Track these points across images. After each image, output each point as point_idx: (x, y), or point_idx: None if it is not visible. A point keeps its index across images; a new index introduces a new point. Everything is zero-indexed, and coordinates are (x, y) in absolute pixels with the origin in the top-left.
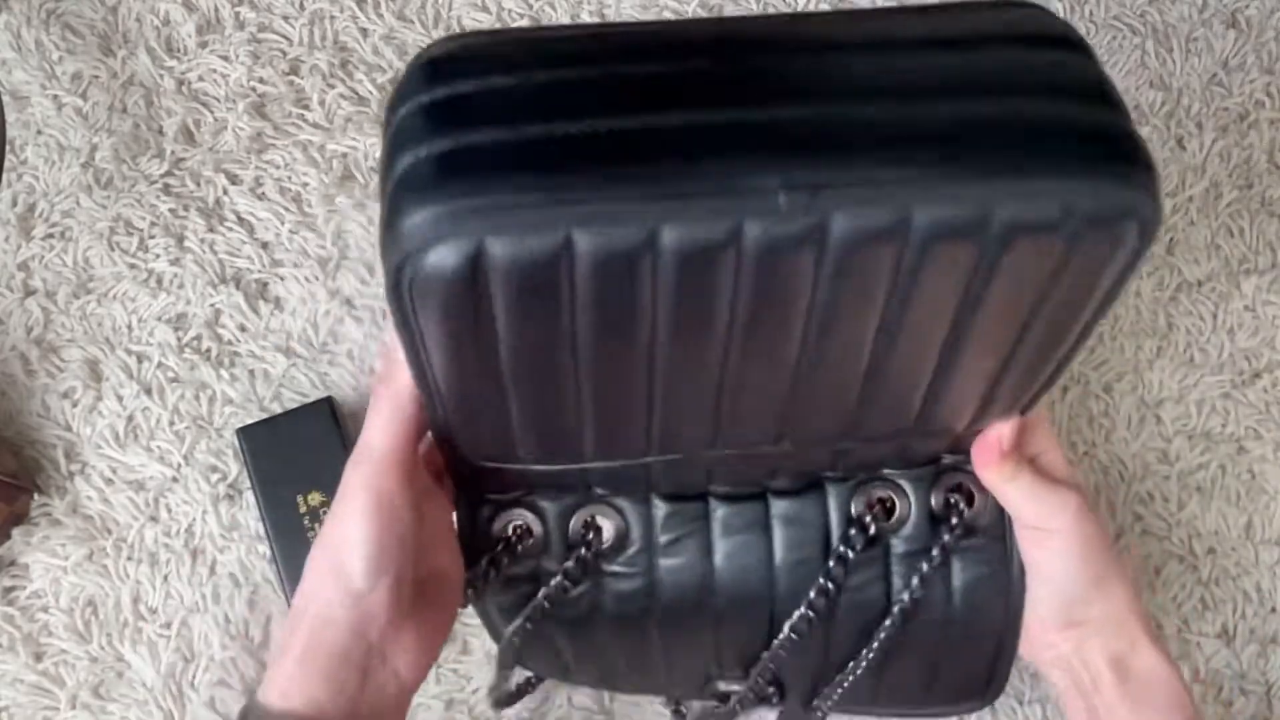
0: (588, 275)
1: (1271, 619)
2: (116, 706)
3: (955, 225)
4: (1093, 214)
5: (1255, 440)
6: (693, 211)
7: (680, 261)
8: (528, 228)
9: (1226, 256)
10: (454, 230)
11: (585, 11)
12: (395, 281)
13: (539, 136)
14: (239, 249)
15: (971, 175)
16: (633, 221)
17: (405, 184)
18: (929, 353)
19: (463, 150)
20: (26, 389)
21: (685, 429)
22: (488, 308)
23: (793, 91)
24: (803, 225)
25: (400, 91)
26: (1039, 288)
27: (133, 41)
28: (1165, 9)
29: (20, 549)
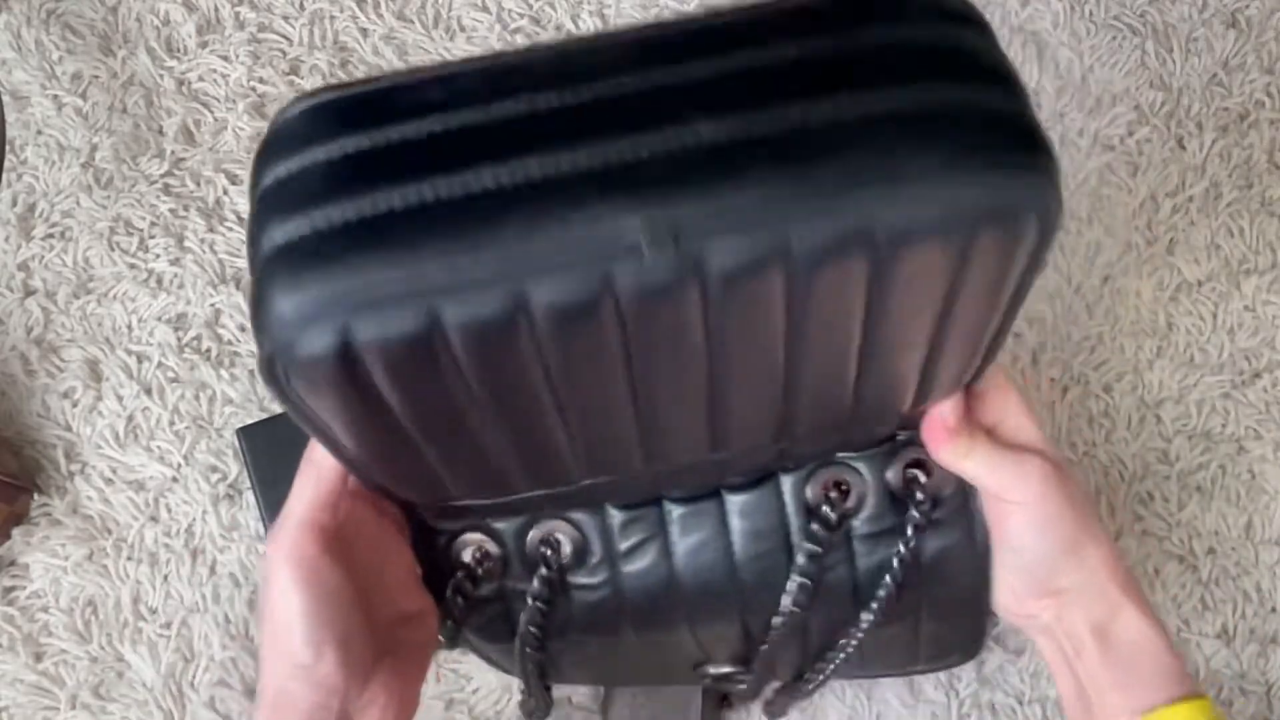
0: (464, 346)
1: (1271, 619)
2: (116, 706)
3: (837, 242)
4: (983, 212)
5: (1255, 440)
6: (557, 269)
7: (556, 321)
8: (389, 308)
9: (1226, 256)
10: (317, 318)
11: (585, 11)
12: (269, 371)
13: (392, 206)
14: (239, 249)
15: (842, 186)
16: (494, 288)
17: (267, 269)
18: (846, 359)
19: (318, 229)
20: (26, 389)
21: (613, 455)
22: (371, 383)
23: (642, 117)
24: (675, 268)
25: (258, 159)
26: (944, 287)
27: (133, 41)
28: (1165, 9)
29: (20, 549)
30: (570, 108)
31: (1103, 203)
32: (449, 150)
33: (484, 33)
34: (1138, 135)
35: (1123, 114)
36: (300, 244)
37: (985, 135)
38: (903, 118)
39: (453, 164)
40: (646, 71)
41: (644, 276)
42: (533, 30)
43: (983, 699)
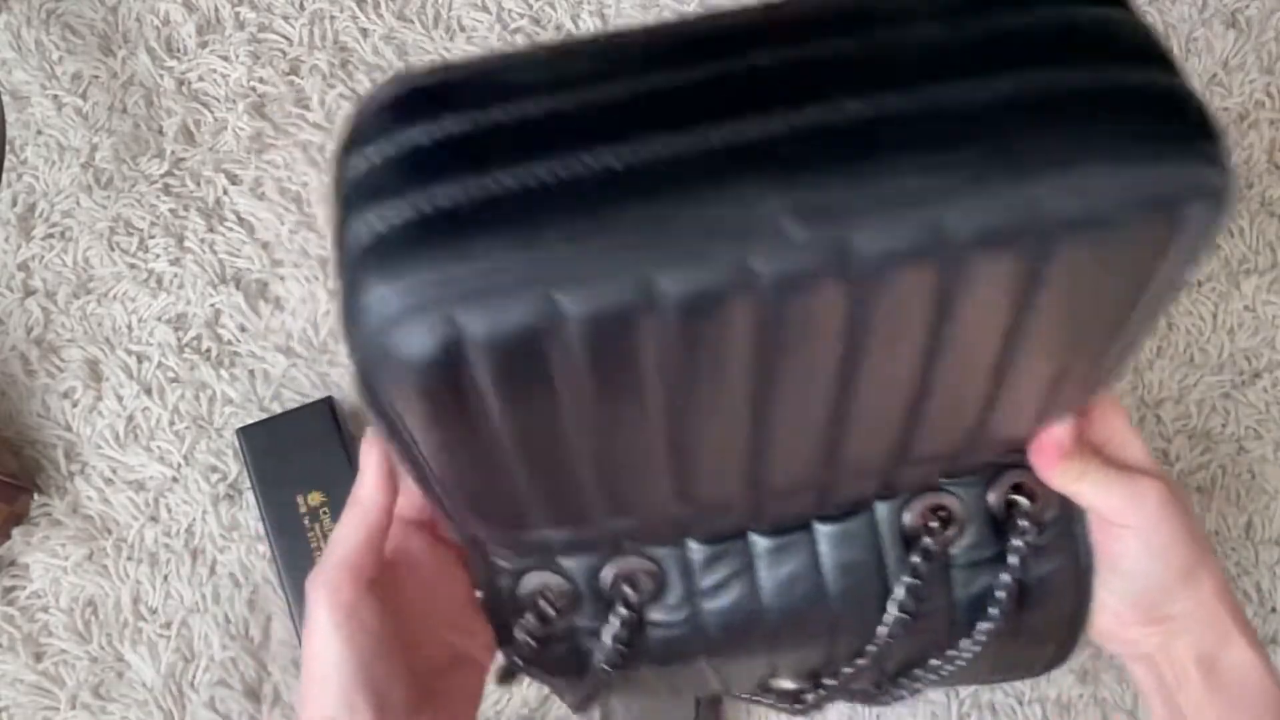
0: (581, 340)
1: (1271, 619)
2: (116, 706)
3: (997, 231)
4: (1154, 199)
5: (1255, 440)
6: (689, 254)
7: (684, 312)
8: (504, 295)
9: (1226, 256)
10: (421, 308)
11: (585, 11)
12: (362, 370)
13: (506, 188)
14: (239, 249)
15: (1009, 172)
16: (622, 273)
17: (361, 257)
18: (979, 371)
19: (423, 213)
20: (26, 389)
21: (712, 481)
22: (473, 388)
23: (785, 95)
24: (820, 254)
25: (346, 144)
26: (1097, 284)
27: (133, 41)
28: (1165, 9)
29: (20, 549)
30: (698, 83)
31: None
32: (567, 129)
33: (484, 33)
34: None
35: None
36: (400, 230)
37: (1151, 116)
38: (1066, 99)
39: (572, 143)
40: (779, 48)
41: (785, 262)
42: (533, 30)
43: (983, 699)
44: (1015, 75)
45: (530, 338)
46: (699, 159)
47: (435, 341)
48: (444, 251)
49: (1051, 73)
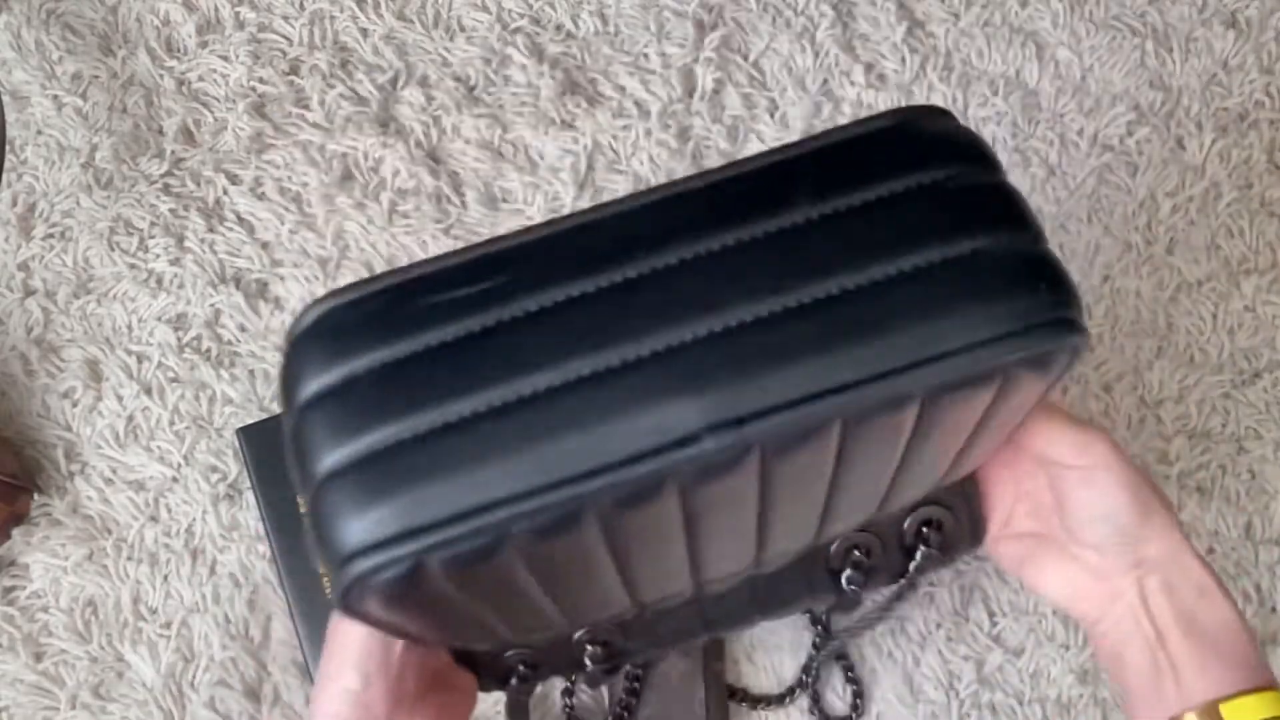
0: (531, 545)
1: (1271, 619)
2: (116, 706)
3: (885, 404)
4: (1021, 360)
5: (1255, 440)
6: (618, 467)
7: (620, 510)
8: (458, 529)
9: (1226, 256)
10: (388, 547)
11: (585, 11)
12: (346, 601)
13: (443, 422)
14: (239, 249)
15: (887, 360)
16: (564, 505)
17: (326, 495)
18: (884, 478)
19: (374, 453)
20: (26, 389)
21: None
22: (437, 590)
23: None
24: (733, 452)
25: (289, 371)
26: (981, 413)
27: (133, 41)
28: (1165, 9)
29: (20, 549)
30: (601, 294)
31: (1102, 203)
32: (492, 352)
33: (484, 33)
34: (1137, 135)
35: (1122, 114)
36: (359, 466)
37: (1013, 288)
38: (933, 280)
39: (499, 367)
40: (674, 248)
41: (706, 461)
42: (533, 30)
43: (983, 699)
44: (889, 256)
45: (485, 555)
46: (618, 376)
47: (398, 571)
48: (399, 491)
49: (924, 250)
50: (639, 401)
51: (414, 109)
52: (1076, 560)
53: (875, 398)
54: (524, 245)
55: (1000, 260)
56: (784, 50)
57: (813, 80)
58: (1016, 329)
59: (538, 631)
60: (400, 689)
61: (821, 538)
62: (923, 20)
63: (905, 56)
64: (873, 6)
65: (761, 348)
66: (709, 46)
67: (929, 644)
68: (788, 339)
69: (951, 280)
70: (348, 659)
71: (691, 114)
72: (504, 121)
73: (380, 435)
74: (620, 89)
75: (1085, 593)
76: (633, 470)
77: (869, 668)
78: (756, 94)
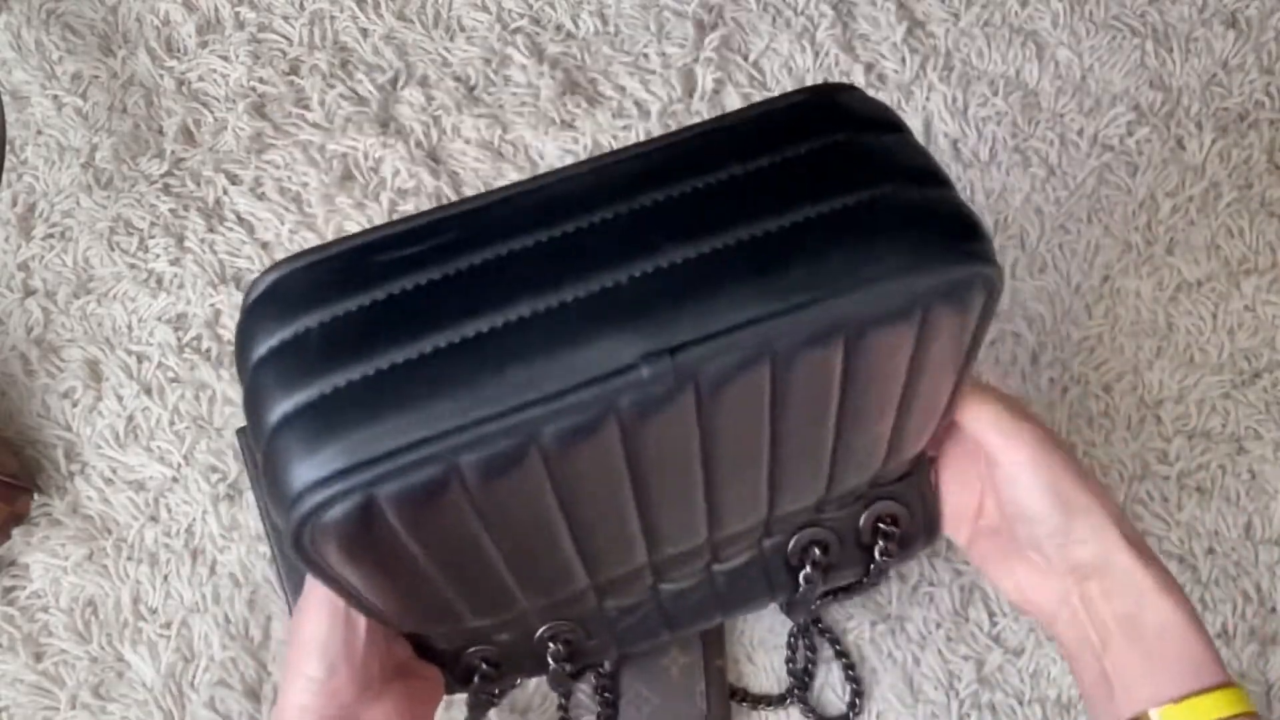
0: (479, 482)
1: (1271, 619)
2: (116, 706)
3: (814, 336)
4: (939, 292)
5: (1255, 440)
6: (560, 400)
7: (565, 443)
8: (408, 462)
9: (1226, 256)
10: (339, 483)
11: (585, 11)
12: (298, 542)
13: (391, 364)
14: (239, 249)
15: (813, 290)
16: (505, 425)
17: (278, 441)
18: (825, 430)
19: (324, 396)
20: (26, 389)
21: (617, 554)
22: (393, 533)
23: (621, 248)
24: (671, 384)
25: (243, 333)
26: (908, 355)
27: (133, 41)
28: (1165, 9)
29: (20, 549)
30: (544, 245)
31: (1102, 203)
32: (439, 301)
33: (484, 33)
34: (1137, 135)
35: (1122, 114)
36: (308, 410)
37: (931, 227)
38: (859, 222)
39: (446, 313)
40: (609, 204)
41: (644, 392)
42: (533, 30)
43: (983, 699)
44: (812, 203)
45: (436, 488)
46: (556, 314)
47: (355, 506)
48: (350, 428)
49: (843, 197)
50: (578, 335)
51: (414, 109)
52: (1025, 560)
53: (800, 326)
54: (471, 210)
55: (910, 202)
56: (784, 50)
57: (812, 80)
58: (927, 259)
59: (497, 612)
60: (366, 676)
61: (775, 512)
62: (923, 20)
63: (905, 56)
64: (873, 6)
65: (693, 283)
66: (709, 46)
67: (929, 644)
68: (717, 274)
69: (866, 220)
70: (312, 649)
71: (691, 114)
72: (504, 121)
73: (330, 381)
74: (620, 89)
75: (1035, 593)
76: (573, 398)
77: (869, 668)
78: (756, 94)
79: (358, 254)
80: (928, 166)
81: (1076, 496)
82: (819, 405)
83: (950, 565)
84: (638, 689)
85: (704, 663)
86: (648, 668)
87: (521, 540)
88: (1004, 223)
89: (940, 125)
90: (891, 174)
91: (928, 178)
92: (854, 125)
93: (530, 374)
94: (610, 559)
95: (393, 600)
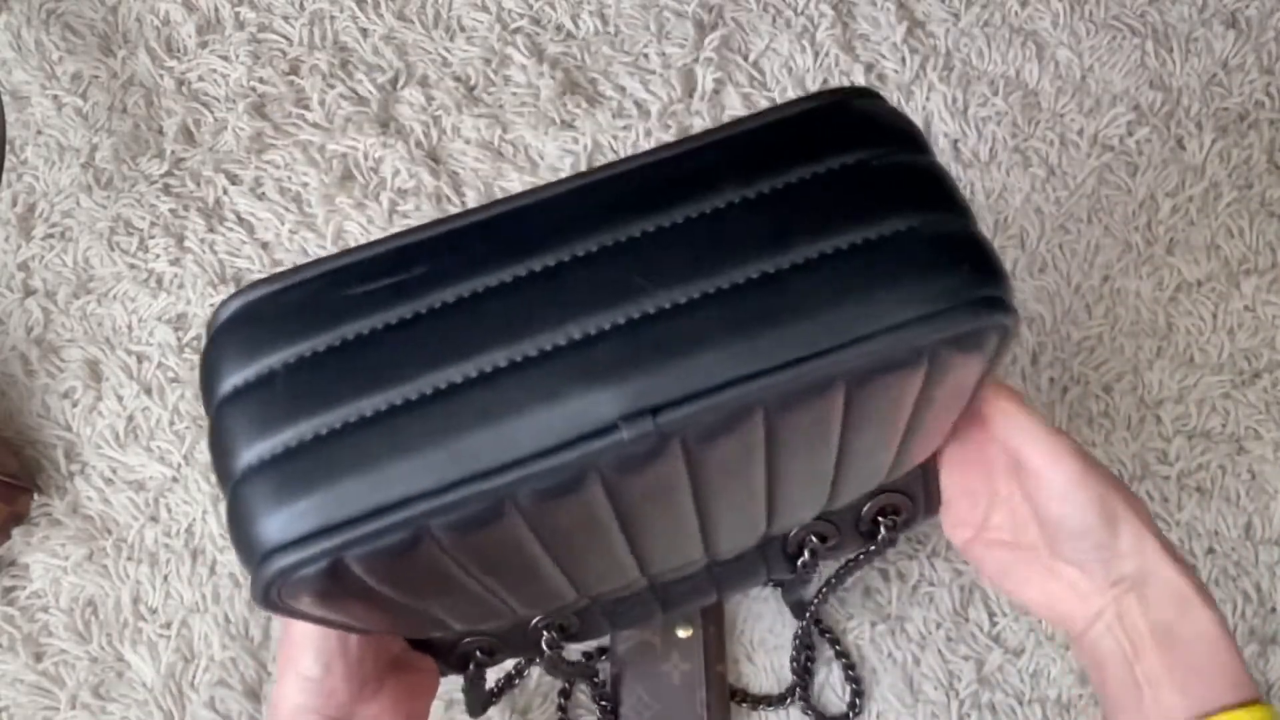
0: (453, 540)
1: (1271, 619)
2: (116, 706)
3: (807, 389)
4: (950, 341)
5: (1255, 440)
6: (535, 460)
7: (543, 503)
8: (375, 523)
9: (1226, 256)
10: (306, 543)
11: (585, 11)
12: (265, 597)
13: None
14: (239, 249)
15: (802, 346)
16: (481, 499)
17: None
18: (824, 466)
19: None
20: (26, 389)
21: (610, 578)
22: (363, 585)
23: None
24: (654, 443)
25: (208, 364)
26: (914, 397)
27: (133, 41)
28: (1165, 9)
29: (20, 549)
30: (520, 283)
31: (1102, 203)
32: (408, 346)
33: (484, 33)
34: (1137, 135)
35: (1122, 114)
36: (275, 464)
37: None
38: (854, 262)
39: (415, 361)
40: (593, 234)
41: (624, 451)
42: (533, 30)
43: (983, 699)
44: (808, 239)
45: (404, 550)
46: (532, 367)
47: (319, 568)
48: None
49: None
50: (554, 392)
51: (414, 109)
52: (1055, 575)
53: (794, 383)
54: (445, 234)
55: (923, 241)
56: (784, 50)
57: (813, 80)
58: (937, 309)
59: (488, 621)
60: (361, 673)
61: (774, 530)
62: (923, 20)
63: (905, 56)
64: (873, 6)
65: (678, 334)
66: (709, 46)
67: (929, 644)
68: (704, 325)
69: (872, 262)
70: (306, 648)
71: (691, 114)
72: (504, 121)
73: (295, 431)
74: (620, 89)
75: (1066, 609)
76: (547, 462)
77: (869, 667)
78: (756, 94)
79: (325, 283)
80: (946, 194)
81: (1118, 507)
82: (818, 443)
83: (950, 565)
84: (638, 694)
85: (705, 669)
86: (648, 673)
87: (504, 574)
88: (1004, 223)
89: (940, 125)
90: (905, 206)
91: (945, 208)
92: (869, 142)
93: (503, 434)
94: (602, 581)
95: (376, 626)
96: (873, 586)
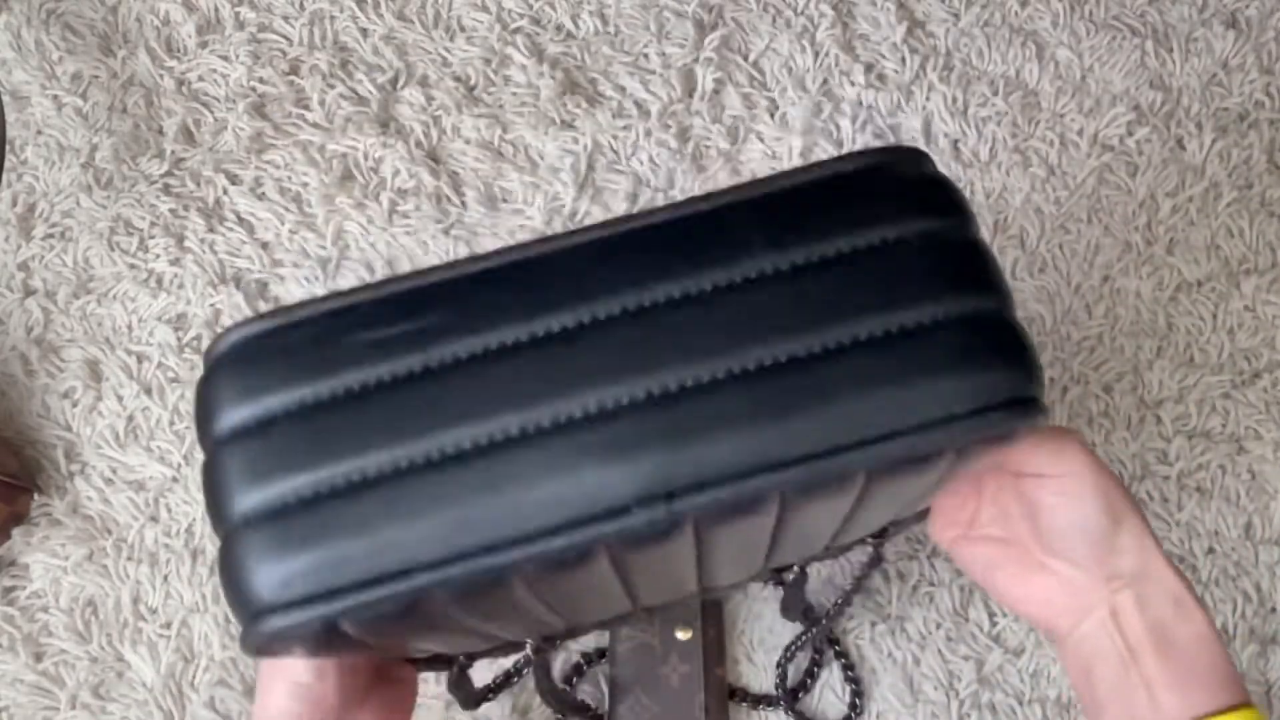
0: (451, 602)
1: (1271, 619)
2: (116, 706)
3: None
4: (975, 435)
5: (1255, 440)
6: (544, 547)
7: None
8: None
9: (1226, 256)
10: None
11: (585, 11)
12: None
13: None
14: (239, 249)
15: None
16: (480, 559)
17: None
18: (829, 528)
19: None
20: (26, 389)
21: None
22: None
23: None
24: (666, 527)
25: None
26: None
27: (133, 41)
28: (1165, 9)
29: (20, 549)
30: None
31: (1102, 203)
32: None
33: (484, 33)
34: (1137, 135)
35: (1122, 114)
36: (273, 516)
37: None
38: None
39: (423, 419)
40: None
41: (635, 531)
42: (532, 30)
43: (983, 699)
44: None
45: (400, 614)
46: (544, 439)
47: (314, 627)
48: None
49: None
50: (567, 467)
51: (414, 109)
52: (1048, 571)
53: (815, 476)
54: (460, 280)
55: (960, 332)
56: (784, 50)
57: (813, 80)
58: (971, 409)
59: (477, 647)
60: (354, 682)
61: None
62: (923, 20)
63: (905, 56)
64: (873, 6)
65: (698, 416)
66: (709, 46)
67: (929, 644)
68: (726, 408)
69: (906, 352)
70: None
71: (691, 114)
72: (504, 121)
73: (296, 483)
74: (620, 89)
75: (1057, 605)
76: (556, 540)
77: (869, 668)
78: (756, 94)
79: (331, 324)
80: (986, 277)
81: (1120, 503)
82: (828, 515)
83: (950, 565)
84: (637, 696)
85: (704, 671)
86: (647, 675)
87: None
88: (1004, 223)
89: (940, 125)
90: (942, 292)
91: (984, 293)
92: (909, 214)
93: (511, 506)
94: (594, 614)
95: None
96: (873, 586)
